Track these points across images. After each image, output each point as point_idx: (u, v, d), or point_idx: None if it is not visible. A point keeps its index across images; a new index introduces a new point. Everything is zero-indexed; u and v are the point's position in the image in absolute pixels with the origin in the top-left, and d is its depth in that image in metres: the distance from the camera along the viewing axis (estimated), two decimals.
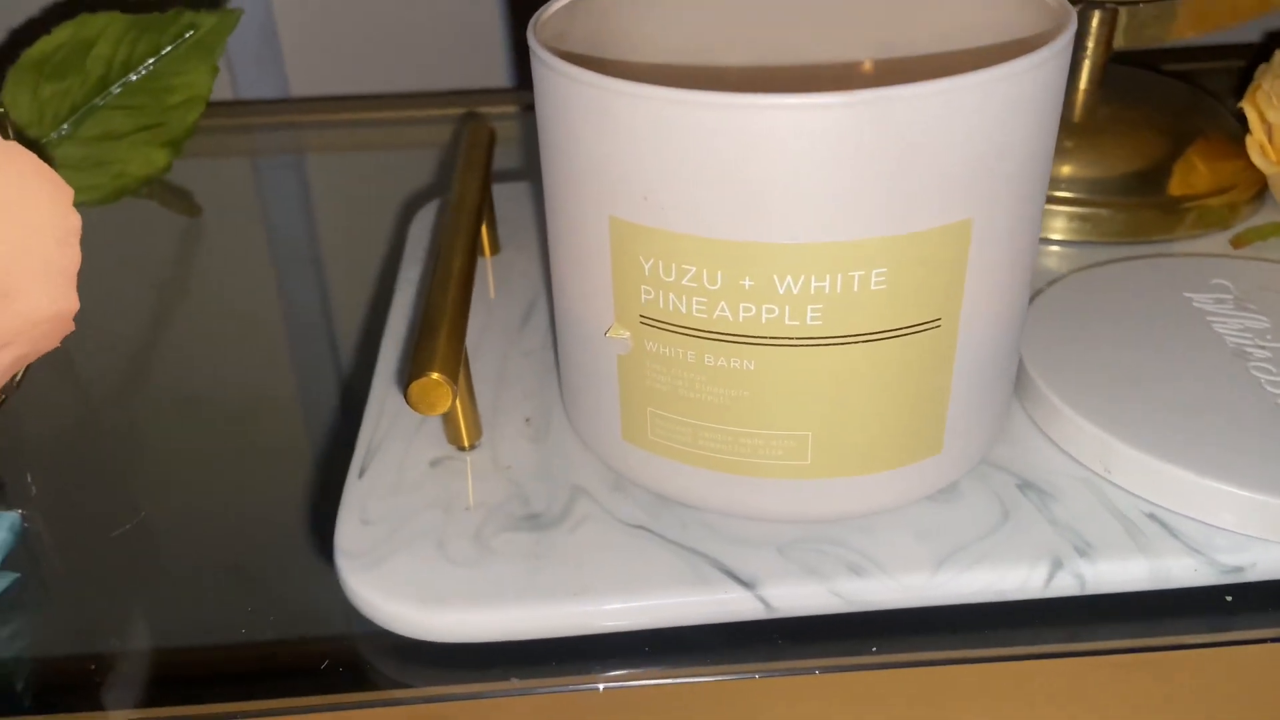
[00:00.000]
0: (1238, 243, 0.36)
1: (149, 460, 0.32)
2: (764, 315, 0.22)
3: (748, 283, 0.22)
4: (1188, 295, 0.32)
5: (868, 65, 0.29)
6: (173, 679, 0.24)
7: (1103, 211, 0.37)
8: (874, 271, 0.22)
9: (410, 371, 0.25)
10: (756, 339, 0.23)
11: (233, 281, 0.41)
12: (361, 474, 0.28)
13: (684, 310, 0.23)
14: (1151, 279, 0.33)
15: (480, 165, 0.36)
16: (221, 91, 0.58)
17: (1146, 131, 0.39)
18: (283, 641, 0.25)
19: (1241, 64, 0.50)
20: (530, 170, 0.47)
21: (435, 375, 0.25)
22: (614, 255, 0.23)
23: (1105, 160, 0.38)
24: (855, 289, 0.22)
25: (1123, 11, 0.39)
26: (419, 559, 0.25)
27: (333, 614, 0.25)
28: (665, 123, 0.21)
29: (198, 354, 0.37)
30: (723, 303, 0.23)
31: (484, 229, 0.38)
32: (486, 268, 0.38)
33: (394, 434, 0.29)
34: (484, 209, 0.34)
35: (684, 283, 0.23)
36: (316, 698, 0.23)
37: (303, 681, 0.24)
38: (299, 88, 0.59)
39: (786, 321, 0.22)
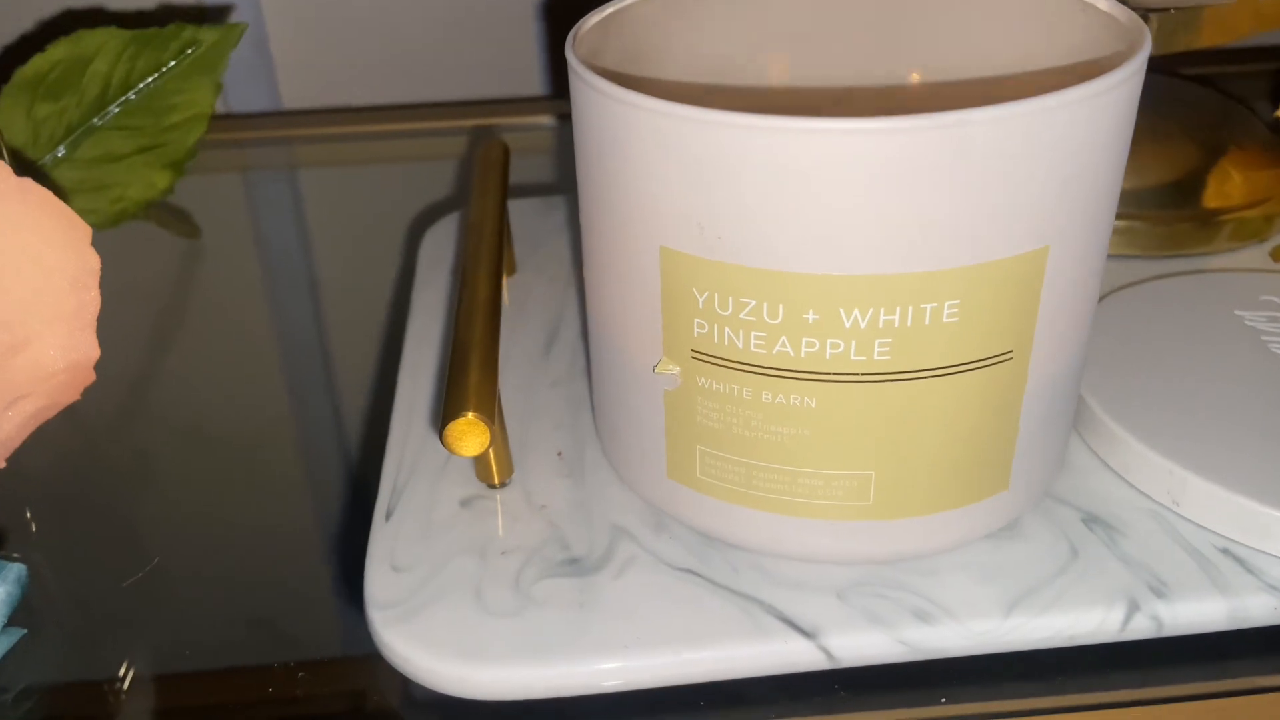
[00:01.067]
0: (1278, 255, 0.35)
1: (155, 502, 0.30)
2: (828, 350, 0.21)
3: (812, 317, 0.21)
4: (1239, 313, 0.31)
5: (914, 83, 0.28)
6: None
7: (1138, 224, 0.36)
8: (947, 303, 0.21)
9: (445, 411, 0.23)
10: (819, 375, 0.21)
11: (235, 308, 0.40)
12: (389, 516, 0.26)
13: (740, 345, 0.22)
14: (1199, 296, 0.31)
15: (497, 186, 0.35)
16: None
17: (1179, 141, 0.38)
18: (313, 701, 0.23)
19: (1275, 66, 0.50)
20: (549, 185, 0.46)
21: (471, 415, 0.23)
22: (664, 287, 0.22)
23: (1139, 172, 0.37)
24: (927, 322, 0.21)
25: (1153, 18, 0.38)
26: (457, 609, 0.23)
27: (366, 670, 0.24)
28: (725, 149, 0.20)
29: (202, 387, 0.35)
30: (784, 337, 0.21)
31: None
32: (504, 290, 0.36)
33: (420, 472, 0.28)
34: (503, 232, 0.32)
35: (741, 316, 0.21)
36: None
37: None
38: (291, 100, 0.57)
39: (852, 357, 0.21)
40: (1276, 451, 0.25)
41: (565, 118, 0.52)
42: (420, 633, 0.23)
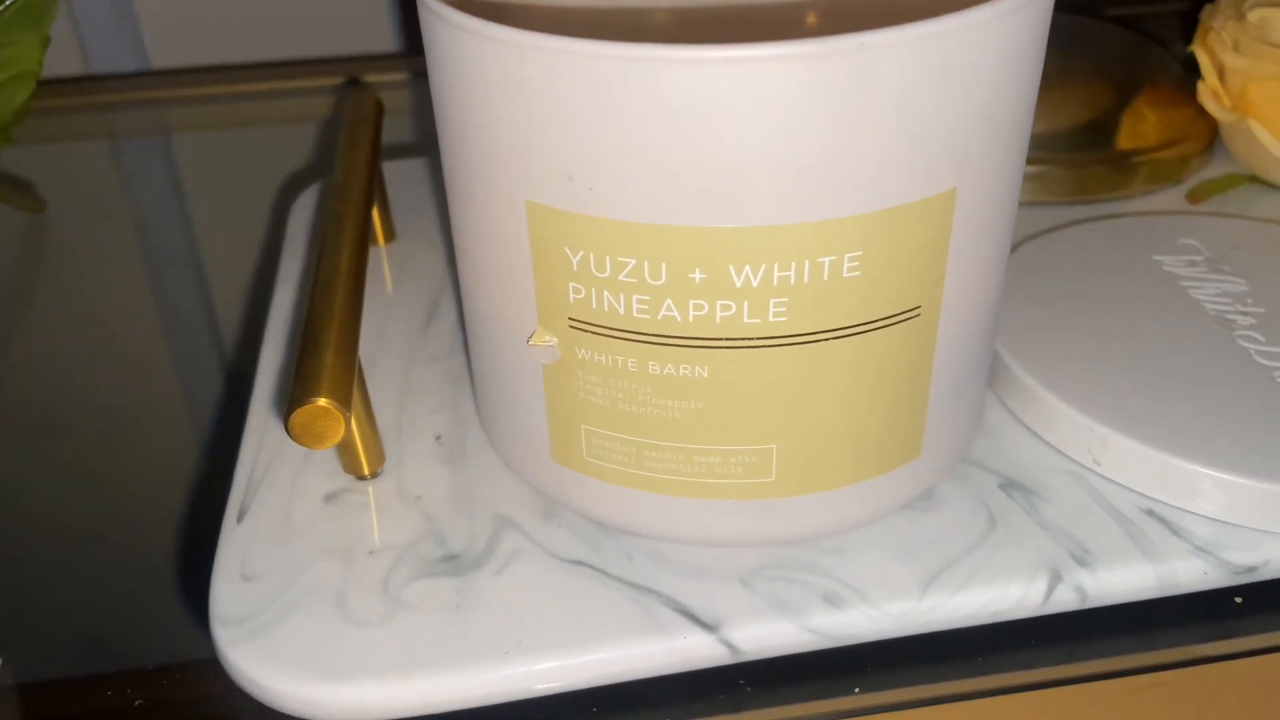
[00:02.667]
0: (1194, 197, 0.34)
1: None
2: (719, 314, 0.19)
3: (698, 276, 0.18)
4: (1157, 258, 0.29)
5: (811, 18, 0.26)
6: None
7: (1051, 169, 0.35)
8: (847, 256, 0.18)
9: (292, 397, 0.21)
10: (710, 341, 0.19)
11: (86, 285, 0.36)
12: (241, 517, 0.23)
13: (622, 311, 0.19)
14: (1116, 242, 0.30)
15: (367, 141, 0.31)
16: (70, 66, 0.51)
17: (1092, 82, 0.37)
18: None
19: (1184, 7, 0.49)
20: (425, 145, 0.43)
21: (322, 401, 0.20)
22: (534, 248, 0.19)
23: (1051, 114, 0.36)
24: (825, 277, 0.18)
25: None
26: (314, 621, 0.21)
27: (212, 692, 0.21)
28: (592, 84, 0.17)
29: (45, 371, 0.31)
30: (669, 300, 0.19)
31: (375, 214, 0.33)
32: (381, 258, 0.33)
33: (278, 465, 0.25)
34: (373, 193, 0.29)
35: (621, 278, 0.19)
36: None
37: None
38: (160, 59, 0.52)
39: (745, 320, 0.19)
40: (1199, 404, 0.24)
41: None
42: (272, 651, 0.20)
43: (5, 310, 0.34)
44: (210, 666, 0.21)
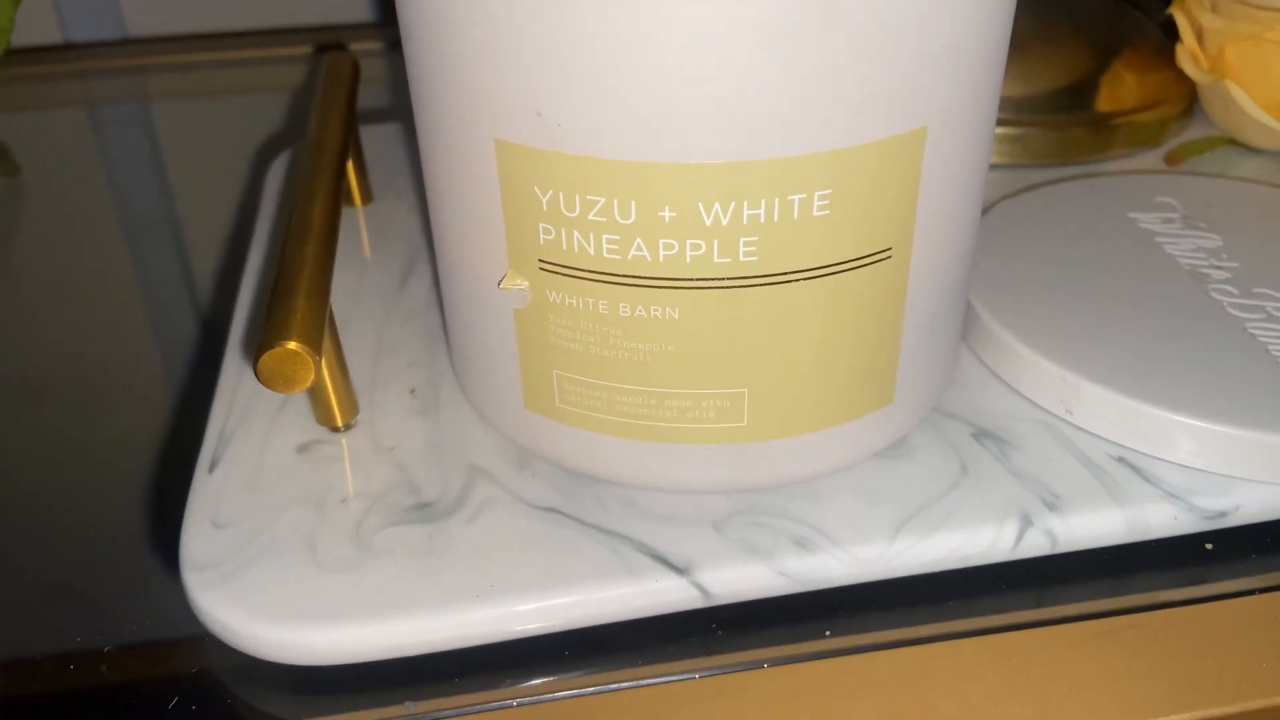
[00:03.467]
0: (1172, 159, 0.34)
1: None
2: (689, 253, 0.19)
3: (667, 214, 0.18)
4: (1133, 216, 0.29)
5: None
6: None
7: (1031, 131, 0.35)
8: (817, 194, 0.18)
9: (261, 340, 0.20)
10: (680, 282, 0.19)
11: (63, 248, 0.35)
12: (212, 467, 0.23)
13: (592, 251, 0.19)
14: (1092, 200, 0.30)
15: (342, 101, 0.31)
16: (48, 34, 0.51)
17: (1072, 45, 0.37)
18: (121, 675, 0.20)
19: None
20: (401, 112, 0.42)
21: (292, 344, 0.20)
22: (504, 188, 0.19)
23: (1029, 77, 0.36)
24: (795, 216, 0.18)
25: None
26: (285, 566, 0.21)
27: (184, 637, 0.21)
28: (559, 16, 0.17)
29: (23, 329, 0.31)
30: (639, 240, 0.19)
31: (352, 175, 0.33)
32: (358, 219, 0.33)
33: (251, 417, 0.24)
34: (348, 151, 0.29)
35: (590, 217, 0.19)
36: None
37: None
38: (138, 27, 0.52)
39: (715, 259, 0.19)
40: (1172, 354, 0.24)
41: None
42: (241, 595, 0.20)
43: None
44: (183, 615, 0.21)
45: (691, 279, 0.19)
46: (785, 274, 0.19)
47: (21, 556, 0.23)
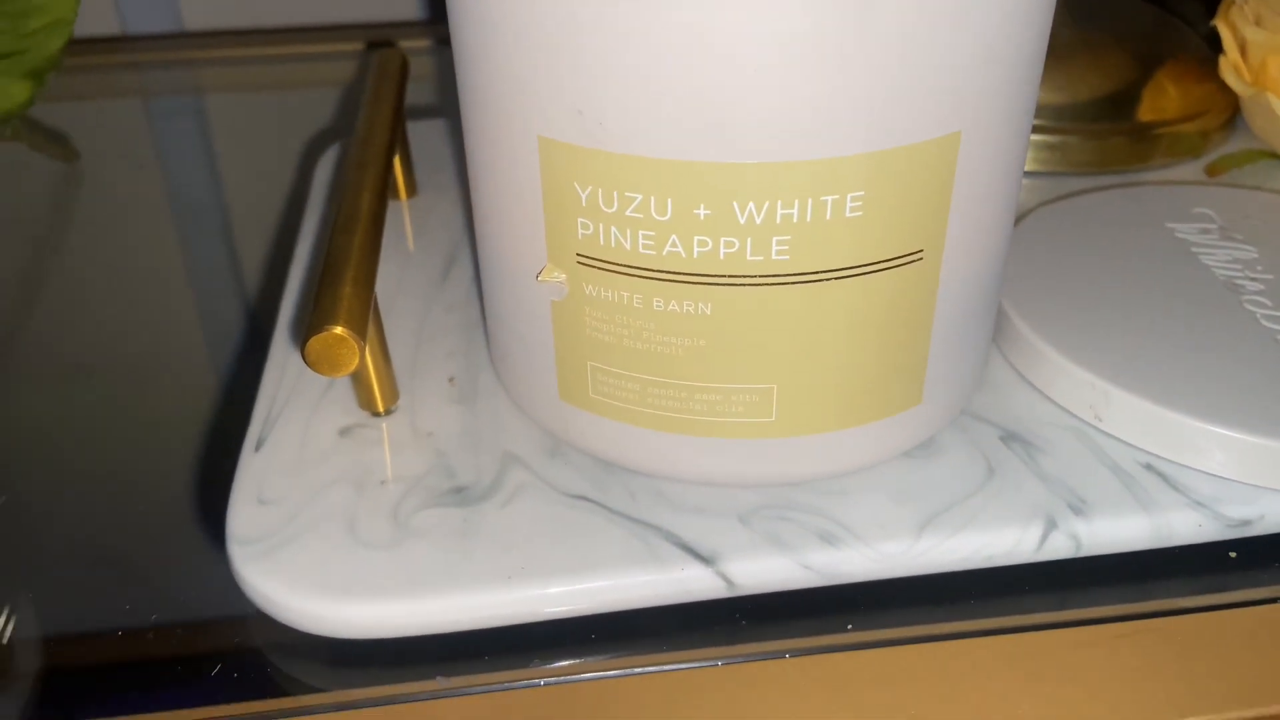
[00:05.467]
0: (1213, 171, 0.34)
1: (19, 433, 0.28)
2: (722, 250, 0.19)
3: (702, 212, 0.19)
4: (1170, 226, 0.29)
5: None
6: (41, 688, 0.21)
7: (1070, 139, 0.35)
8: (849, 195, 0.19)
9: (309, 325, 0.21)
10: (713, 278, 0.20)
11: (117, 234, 0.37)
12: (259, 447, 0.24)
13: (628, 247, 0.20)
14: (1130, 209, 0.30)
15: (390, 97, 0.32)
16: (108, 26, 0.52)
17: (1114, 54, 0.37)
18: (167, 642, 0.21)
19: None
20: (447, 108, 0.43)
21: (339, 329, 0.21)
22: (545, 183, 0.20)
23: (1071, 85, 0.36)
24: (828, 217, 0.19)
25: None
26: (326, 542, 0.21)
27: (227, 610, 0.22)
28: (601, 16, 0.17)
29: (79, 313, 0.32)
30: (674, 236, 0.19)
31: (399, 169, 0.34)
32: (403, 212, 0.34)
33: (296, 400, 0.25)
34: (395, 145, 0.30)
35: (628, 213, 0.19)
36: (207, 709, 0.20)
37: (192, 689, 0.20)
38: (194, 21, 0.53)
39: (748, 257, 0.19)
40: (1203, 363, 0.24)
41: None
42: (283, 568, 0.21)
43: (39, 254, 0.35)
44: (227, 587, 0.22)
45: (724, 275, 0.19)
46: (816, 273, 0.19)
47: (75, 529, 0.24)
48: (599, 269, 0.20)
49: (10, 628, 0.22)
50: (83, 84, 0.49)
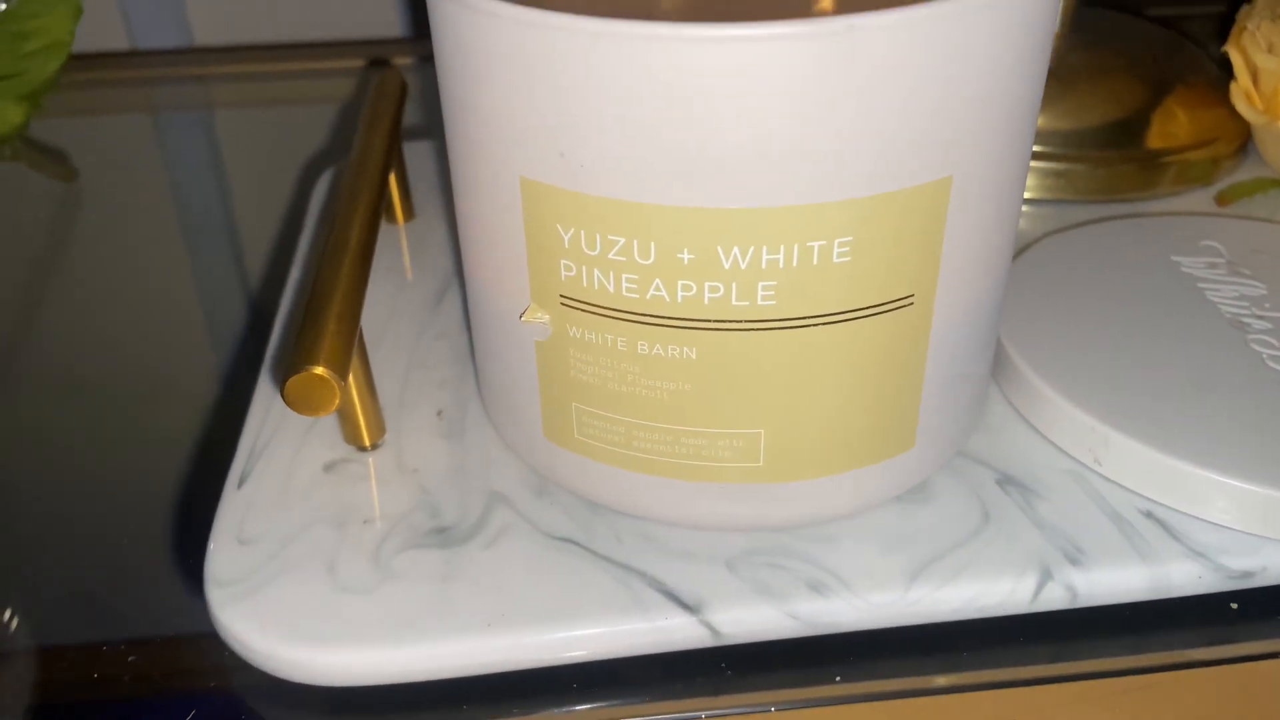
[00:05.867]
0: (1223, 200, 0.34)
1: (2, 456, 0.27)
2: (707, 295, 0.19)
3: (686, 256, 0.18)
4: (1176, 259, 0.28)
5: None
6: None
7: (1077, 167, 0.34)
8: (837, 241, 0.18)
9: (288, 364, 0.21)
10: (698, 323, 0.19)
11: (114, 255, 0.37)
12: (241, 483, 0.24)
13: (611, 289, 0.19)
14: (1135, 242, 0.29)
15: (388, 119, 0.32)
16: (115, 41, 0.52)
17: (1123, 79, 0.36)
18: (142, 687, 0.21)
19: (1222, 9, 0.47)
20: (436, 128, 0.43)
21: (319, 370, 0.21)
22: (527, 225, 0.20)
23: (1079, 111, 0.35)
24: (815, 262, 0.18)
25: None
26: (304, 585, 0.21)
27: (203, 654, 0.21)
28: (583, 60, 0.17)
29: (66, 337, 0.32)
30: (657, 280, 0.19)
31: (395, 192, 0.34)
32: (399, 235, 0.33)
33: (282, 434, 0.25)
34: (389, 169, 0.30)
35: (611, 256, 0.19)
36: None
37: None
38: (203, 36, 0.53)
39: (734, 302, 0.19)
40: (1206, 406, 0.23)
41: None
42: (260, 612, 0.21)
43: (40, 273, 0.35)
44: (205, 628, 0.21)
45: (709, 320, 0.19)
46: (804, 318, 0.19)
47: (52, 558, 0.24)
48: (583, 311, 0.20)
49: None
50: (90, 100, 0.49)
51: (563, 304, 0.20)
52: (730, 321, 0.19)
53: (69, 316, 0.33)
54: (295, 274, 0.31)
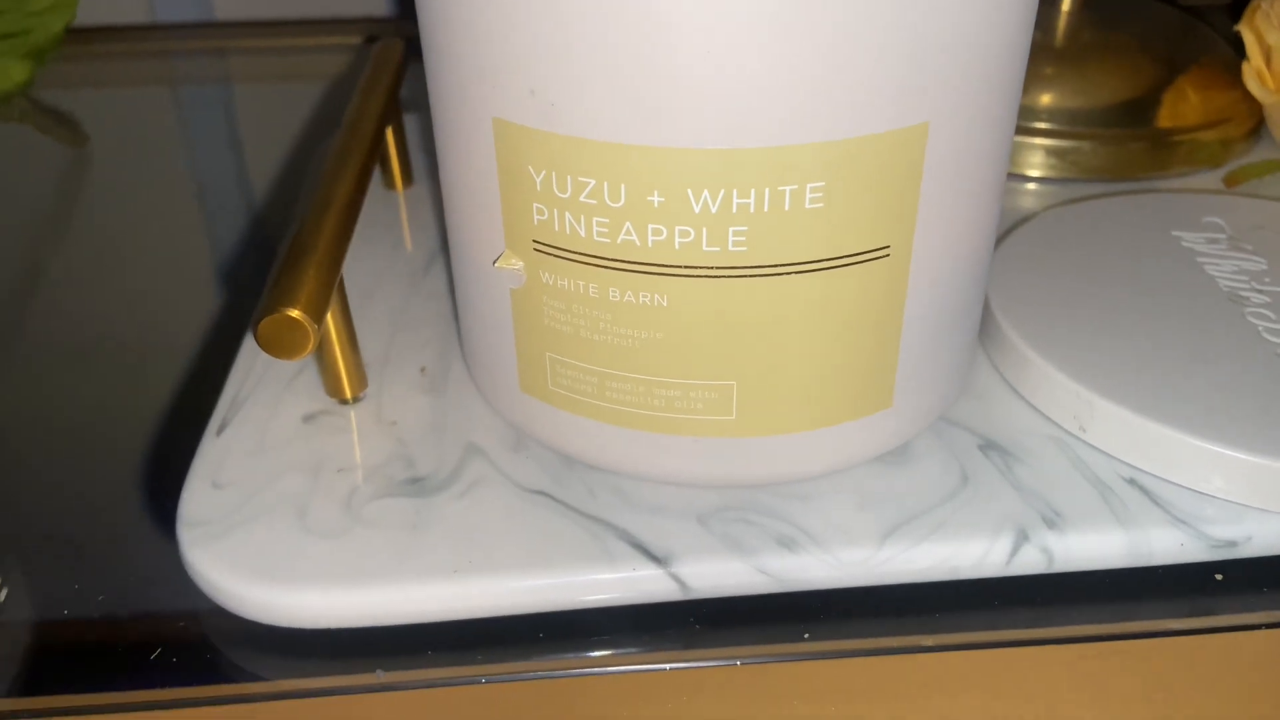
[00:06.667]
0: (1232, 181, 0.33)
1: (7, 413, 0.28)
2: (677, 239, 0.19)
3: (656, 199, 0.18)
4: (1176, 234, 0.28)
5: None
6: None
7: (1084, 145, 0.34)
8: (809, 185, 0.18)
9: (263, 307, 0.21)
10: (669, 269, 0.19)
11: (121, 217, 0.37)
12: (220, 430, 0.24)
13: (583, 234, 0.19)
14: (1136, 216, 0.29)
15: (383, 87, 0.32)
16: (136, 14, 0.53)
17: (1134, 58, 0.35)
18: (110, 625, 0.21)
19: None
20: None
21: (293, 312, 0.21)
22: (500, 167, 0.19)
23: (1089, 89, 0.35)
24: (786, 207, 0.18)
25: None
26: (274, 529, 0.21)
27: (172, 594, 0.21)
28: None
29: (67, 294, 0.33)
30: (628, 224, 0.19)
31: (394, 159, 0.34)
32: (398, 201, 0.33)
33: (264, 385, 0.25)
34: (382, 133, 0.30)
35: (581, 199, 0.19)
36: (145, 693, 0.20)
37: (131, 673, 0.20)
38: (225, 10, 0.54)
39: (704, 248, 0.19)
40: (1196, 376, 0.23)
41: None
42: (229, 554, 0.21)
43: (41, 236, 0.35)
44: (175, 571, 0.21)
45: (680, 266, 0.19)
46: (775, 266, 0.19)
47: (37, 506, 0.24)
48: (555, 256, 0.20)
49: None
50: (110, 71, 0.49)
51: (535, 249, 0.20)
52: (701, 268, 0.19)
53: (69, 277, 0.33)
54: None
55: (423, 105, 0.40)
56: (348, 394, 0.25)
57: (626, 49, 0.17)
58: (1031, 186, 0.34)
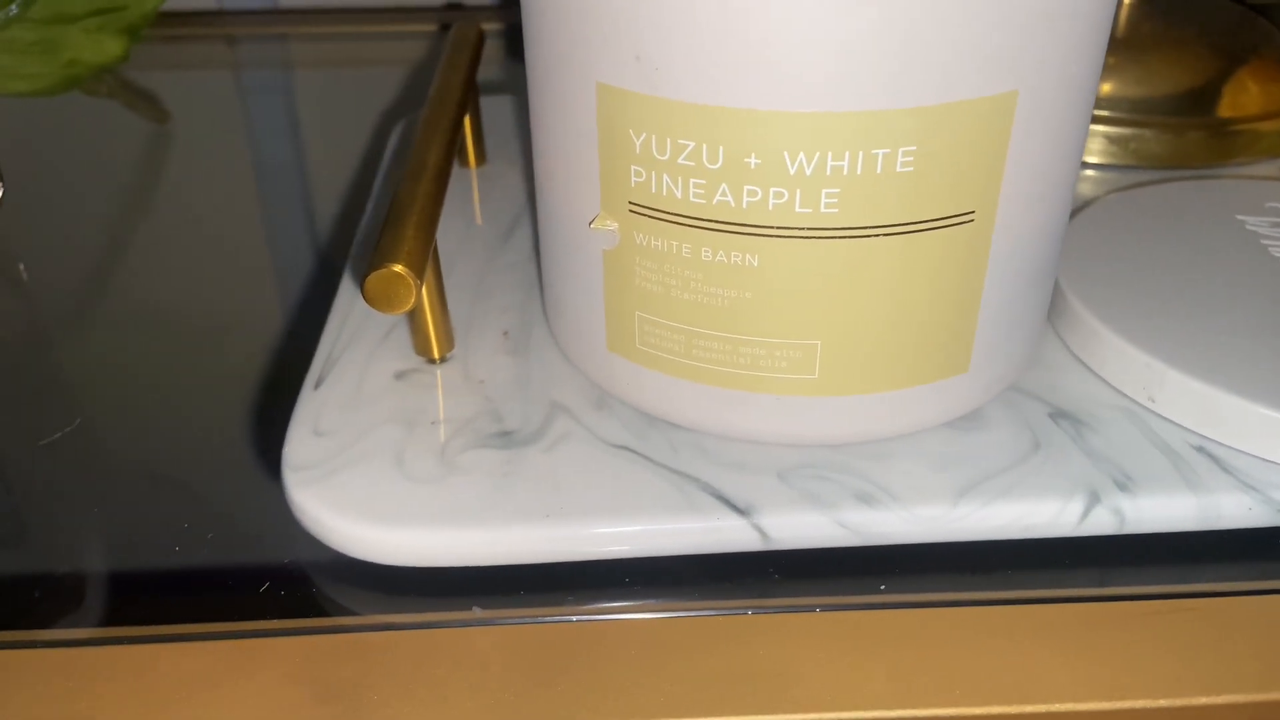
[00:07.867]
0: None
1: (98, 370, 0.29)
2: (771, 200, 0.19)
3: (753, 161, 0.19)
4: (1241, 218, 0.29)
5: None
6: (101, 600, 0.22)
7: (1145, 132, 0.34)
8: (901, 150, 0.19)
9: (370, 263, 0.22)
10: (762, 229, 0.20)
11: (201, 192, 0.38)
12: (318, 385, 0.25)
13: (679, 195, 0.20)
14: (1199, 200, 0.29)
15: (463, 65, 0.33)
16: (205, 0, 0.54)
17: (1195, 49, 0.36)
18: (220, 562, 0.22)
19: None
20: (520, 86, 0.44)
21: (398, 267, 0.22)
22: (601, 130, 0.20)
23: (1149, 78, 0.35)
24: (878, 170, 0.19)
25: None
26: (374, 474, 0.22)
27: (278, 533, 0.23)
28: None
29: (159, 262, 0.34)
30: (724, 185, 0.20)
31: (470, 137, 0.35)
32: (471, 178, 0.35)
33: (357, 343, 0.26)
34: (465, 109, 0.31)
35: (680, 161, 0.20)
36: (253, 623, 0.21)
37: (240, 605, 0.21)
38: None
39: (797, 209, 0.19)
40: (1260, 348, 0.23)
41: None
42: (333, 495, 0.22)
43: (128, 204, 0.37)
44: (282, 512, 0.22)
45: (772, 227, 0.20)
46: (864, 228, 0.20)
47: (146, 454, 0.26)
48: (650, 217, 0.21)
49: (75, 546, 0.23)
50: (180, 55, 0.51)
51: (631, 210, 0.21)
52: (793, 229, 0.20)
53: (158, 244, 0.35)
54: (372, 206, 0.32)
55: (493, 88, 0.41)
56: (436, 354, 0.26)
57: (731, 15, 0.18)
58: (1092, 173, 0.34)
